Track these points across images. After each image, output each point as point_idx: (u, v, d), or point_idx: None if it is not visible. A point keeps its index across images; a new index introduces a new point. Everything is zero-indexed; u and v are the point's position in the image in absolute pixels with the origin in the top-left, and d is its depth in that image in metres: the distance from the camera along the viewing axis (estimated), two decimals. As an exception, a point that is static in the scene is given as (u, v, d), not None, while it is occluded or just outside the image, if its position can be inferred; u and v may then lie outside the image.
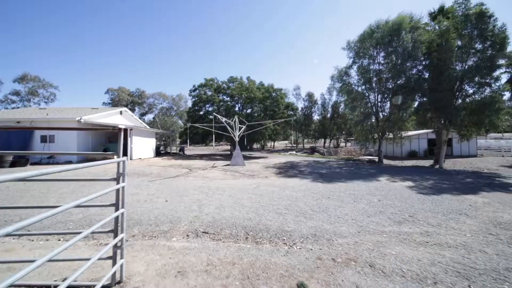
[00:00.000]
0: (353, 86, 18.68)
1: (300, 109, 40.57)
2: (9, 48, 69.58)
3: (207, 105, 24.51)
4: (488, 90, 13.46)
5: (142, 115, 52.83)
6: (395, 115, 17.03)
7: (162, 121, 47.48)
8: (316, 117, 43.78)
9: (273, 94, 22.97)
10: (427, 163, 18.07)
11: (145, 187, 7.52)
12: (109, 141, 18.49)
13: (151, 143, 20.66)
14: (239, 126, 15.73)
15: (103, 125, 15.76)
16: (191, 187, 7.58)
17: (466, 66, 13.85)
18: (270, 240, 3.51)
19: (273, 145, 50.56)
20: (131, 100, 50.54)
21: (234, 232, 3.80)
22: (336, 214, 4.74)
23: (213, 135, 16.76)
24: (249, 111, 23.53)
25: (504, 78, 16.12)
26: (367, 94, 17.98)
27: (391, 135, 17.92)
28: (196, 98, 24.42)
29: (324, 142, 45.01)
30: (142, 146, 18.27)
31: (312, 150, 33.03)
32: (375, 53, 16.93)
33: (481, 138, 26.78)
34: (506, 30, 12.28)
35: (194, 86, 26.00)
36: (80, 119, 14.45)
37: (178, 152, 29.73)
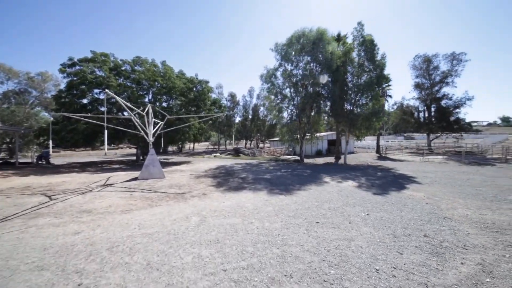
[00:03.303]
0: (280, 88, 19.18)
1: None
2: None
3: (96, 91, 16.66)
4: (372, 102, 17.56)
5: (-49, 98, 30.53)
6: (313, 118, 19.23)
7: (6, 111, 29.31)
8: (238, 118, 43.54)
9: (198, 86, 19.13)
10: (331, 160, 21.64)
11: None
12: None
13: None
14: (154, 121, 11.18)
15: None
16: (35, 255, 3.01)
17: (361, 82, 17.36)
18: None
19: (193, 147, 45.24)
20: None
21: None
22: (364, 263, 2.94)
23: (106, 131, 8.36)
24: (165, 104, 18.23)
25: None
26: (293, 97, 18.84)
27: (308, 136, 19.96)
28: (76, 78, 15.78)
29: (246, 143, 45.68)
30: None
31: (236, 152, 31.94)
32: (299, 58, 17.93)
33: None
34: (385, 57, 16.38)
35: (71, 59, 16.90)
36: None
37: (36, 161, 18.91)
